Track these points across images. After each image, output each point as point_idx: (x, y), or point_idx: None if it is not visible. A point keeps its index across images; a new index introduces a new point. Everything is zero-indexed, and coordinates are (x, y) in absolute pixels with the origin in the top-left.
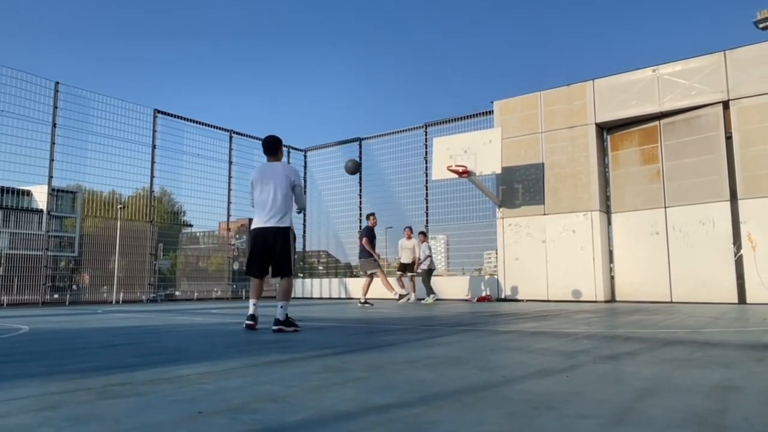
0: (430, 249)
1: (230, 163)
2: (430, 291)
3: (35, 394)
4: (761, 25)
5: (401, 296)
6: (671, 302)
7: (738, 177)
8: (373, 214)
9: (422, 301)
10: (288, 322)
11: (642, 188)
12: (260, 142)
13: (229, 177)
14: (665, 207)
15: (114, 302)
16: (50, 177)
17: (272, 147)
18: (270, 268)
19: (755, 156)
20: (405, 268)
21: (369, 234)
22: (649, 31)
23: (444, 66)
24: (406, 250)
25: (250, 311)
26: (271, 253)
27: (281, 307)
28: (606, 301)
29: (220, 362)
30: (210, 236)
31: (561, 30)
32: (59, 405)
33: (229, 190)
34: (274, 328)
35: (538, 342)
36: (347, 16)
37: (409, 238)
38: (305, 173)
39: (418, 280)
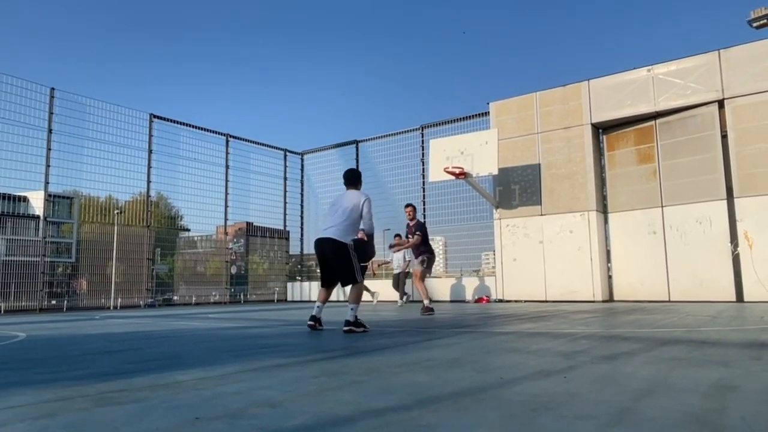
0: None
1: (227, 167)
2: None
3: (31, 402)
4: (755, 24)
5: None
6: (669, 301)
7: (734, 175)
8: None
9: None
10: (357, 323)
11: (638, 188)
12: (257, 145)
13: (226, 181)
14: (662, 206)
15: (112, 308)
16: (46, 183)
17: (350, 178)
18: (338, 279)
19: (751, 154)
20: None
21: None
22: (644, 31)
23: (440, 67)
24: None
25: (314, 313)
26: (330, 264)
27: (351, 309)
28: (604, 301)
29: (217, 367)
30: (207, 240)
31: (556, 31)
32: (56, 413)
33: (226, 194)
34: (345, 329)
35: (536, 343)
36: (344, 19)
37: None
38: (302, 176)
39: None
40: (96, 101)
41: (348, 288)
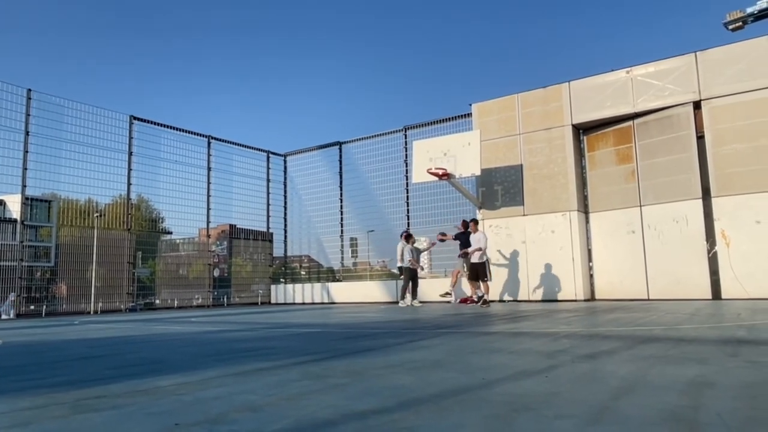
0: (412, 252)
1: (209, 169)
2: (404, 294)
3: (5, 411)
4: (731, 27)
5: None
6: (648, 300)
7: (711, 175)
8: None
9: (400, 304)
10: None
11: (618, 188)
12: (239, 147)
13: (208, 183)
14: (640, 206)
15: (92, 312)
16: (24, 186)
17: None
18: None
19: (727, 155)
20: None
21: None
22: (623, 33)
23: (423, 69)
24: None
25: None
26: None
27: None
28: (586, 300)
29: (198, 372)
30: (190, 243)
31: (539, 32)
32: (31, 421)
33: (209, 196)
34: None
35: (518, 343)
36: (327, 21)
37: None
38: (285, 178)
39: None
40: (74, 103)
41: None
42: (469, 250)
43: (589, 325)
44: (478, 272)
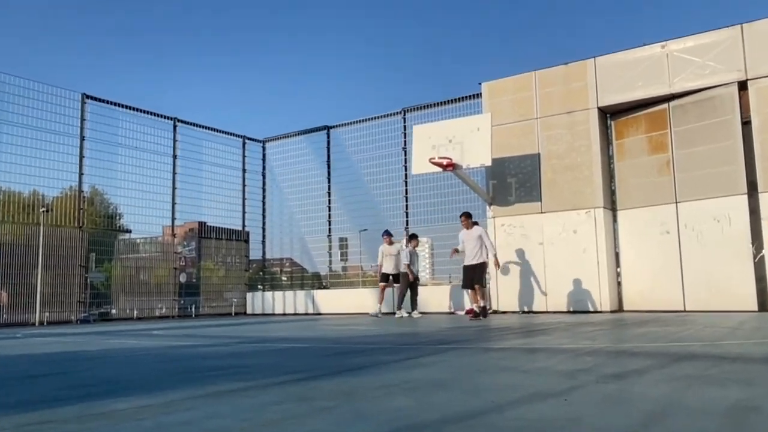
0: (411, 256)
1: (175, 157)
2: (406, 304)
3: None
4: None
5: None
6: (685, 311)
7: (758, 167)
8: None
9: (396, 316)
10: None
11: (650, 181)
12: (210, 131)
13: (174, 173)
14: (676, 202)
15: (37, 324)
16: None
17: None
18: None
19: None
20: (387, 278)
21: None
22: (657, 2)
23: (426, 44)
24: (389, 256)
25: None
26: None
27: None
28: (612, 311)
29: (162, 393)
30: (152, 243)
31: (558, 2)
32: None
33: (174, 188)
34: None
35: (533, 360)
36: None
37: (391, 243)
38: (264, 168)
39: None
40: (16, 79)
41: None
42: (459, 248)
43: (615, 341)
44: (473, 277)
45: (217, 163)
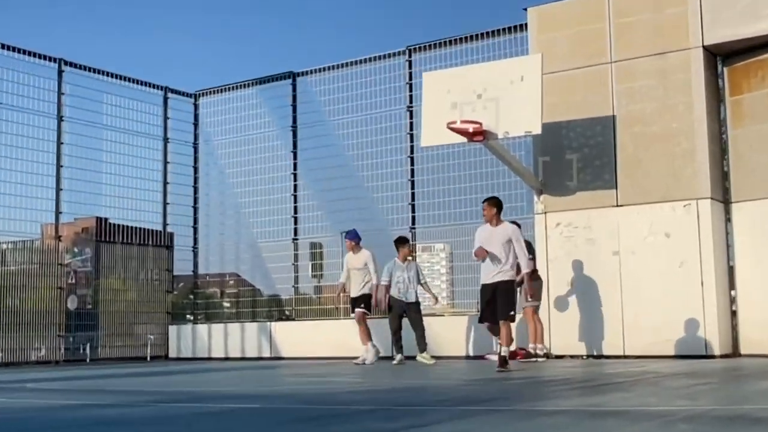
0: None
1: (60, 118)
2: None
3: None
4: None
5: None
6: None
7: None
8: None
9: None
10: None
11: None
12: (115, 80)
13: (59, 144)
14: None
15: None
16: None
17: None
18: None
19: None
20: (357, 303)
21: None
22: None
23: None
24: (354, 271)
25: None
26: None
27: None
28: (723, 356)
29: None
30: (24, 250)
31: None
32: None
33: (59, 167)
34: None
35: (604, 430)
36: None
37: (357, 250)
38: (196, 135)
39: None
40: None
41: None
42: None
43: (728, 400)
44: (498, 305)
45: (124, 128)
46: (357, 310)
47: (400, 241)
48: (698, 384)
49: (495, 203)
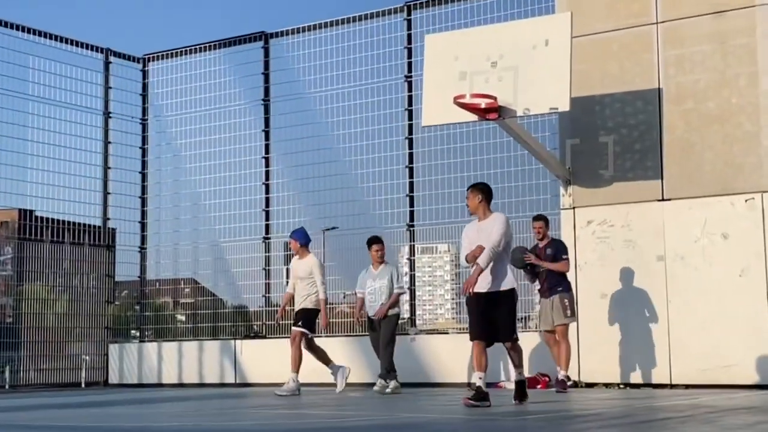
0: (381, 279)
1: None
2: (390, 368)
3: None
4: None
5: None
6: None
7: None
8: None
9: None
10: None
11: None
12: (44, 39)
13: None
14: None
15: None
16: None
17: None
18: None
19: None
20: (296, 318)
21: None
22: None
23: None
24: (298, 280)
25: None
26: None
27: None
28: None
29: None
30: None
31: None
32: None
33: None
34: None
35: None
36: None
37: (303, 253)
38: (144, 109)
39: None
40: None
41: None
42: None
43: None
44: (499, 318)
45: (55, 100)
46: (294, 328)
47: (369, 242)
48: (763, 422)
49: (480, 189)
